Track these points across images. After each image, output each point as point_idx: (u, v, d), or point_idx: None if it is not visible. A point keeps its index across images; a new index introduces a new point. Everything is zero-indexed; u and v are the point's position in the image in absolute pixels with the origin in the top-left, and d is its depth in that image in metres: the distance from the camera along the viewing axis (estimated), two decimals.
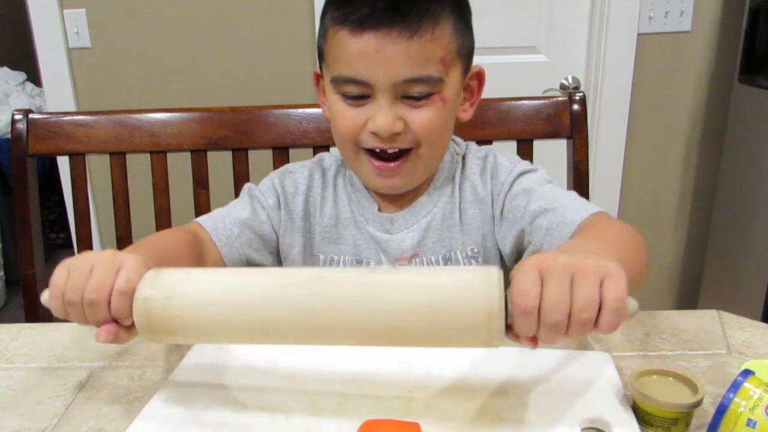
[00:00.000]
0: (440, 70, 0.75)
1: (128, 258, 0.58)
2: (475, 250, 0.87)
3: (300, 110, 1.07)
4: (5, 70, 3.07)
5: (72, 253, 0.62)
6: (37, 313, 1.06)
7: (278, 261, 0.92)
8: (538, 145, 1.06)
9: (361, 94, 0.76)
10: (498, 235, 0.87)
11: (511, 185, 0.85)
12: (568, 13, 1.88)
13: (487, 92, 1.13)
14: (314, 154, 1.05)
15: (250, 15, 1.86)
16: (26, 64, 2.89)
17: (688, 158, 1.98)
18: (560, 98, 1.06)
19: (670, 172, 2.00)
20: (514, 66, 1.90)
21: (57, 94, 1.93)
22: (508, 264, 0.89)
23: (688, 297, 2.12)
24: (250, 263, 0.88)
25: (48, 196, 2.77)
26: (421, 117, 0.76)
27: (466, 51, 0.79)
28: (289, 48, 1.87)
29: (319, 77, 0.86)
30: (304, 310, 0.52)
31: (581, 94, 1.05)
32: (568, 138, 1.05)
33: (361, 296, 0.52)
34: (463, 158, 0.90)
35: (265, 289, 0.54)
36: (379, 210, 0.88)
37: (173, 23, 1.88)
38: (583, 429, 0.56)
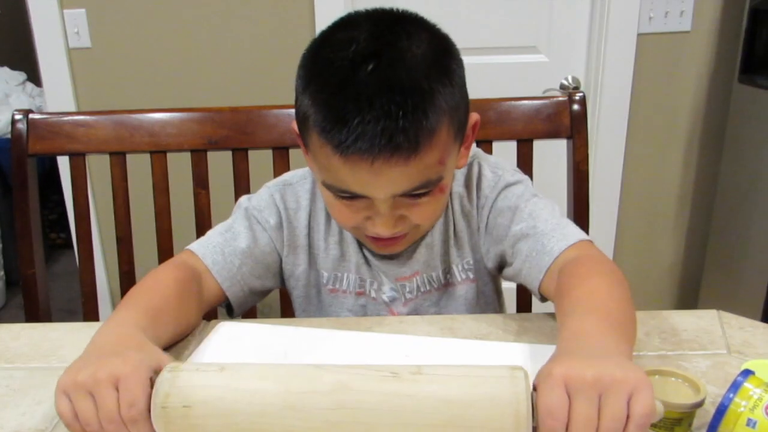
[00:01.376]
0: (439, 170, 0.71)
1: (124, 368, 0.54)
2: (470, 263, 0.87)
3: None
4: (5, 70, 3.07)
5: (72, 254, 0.62)
6: (37, 313, 1.06)
7: (282, 281, 0.91)
8: (538, 145, 1.06)
9: (357, 195, 0.72)
10: (482, 249, 0.86)
11: (495, 200, 0.83)
12: (568, 13, 1.88)
13: (487, 92, 1.14)
14: None
15: (250, 15, 1.86)
16: (26, 64, 2.89)
17: (688, 158, 1.98)
18: (560, 98, 1.06)
19: (670, 172, 2.00)
20: (514, 66, 1.90)
21: (57, 94, 1.93)
22: (492, 277, 0.90)
23: (688, 297, 2.12)
24: (253, 292, 0.86)
25: (48, 196, 2.77)
26: (421, 211, 0.74)
27: (461, 127, 0.73)
28: (289, 48, 1.87)
29: (297, 134, 0.77)
30: (326, 423, 0.52)
31: (581, 94, 1.05)
32: (568, 138, 1.05)
33: (384, 409, 0.52)
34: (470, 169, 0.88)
35: (286, 399, 0.53)
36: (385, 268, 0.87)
37: (173, 23, 1.88)
38: None
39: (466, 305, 0.88)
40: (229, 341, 0.73)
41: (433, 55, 0.68)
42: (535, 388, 0.51)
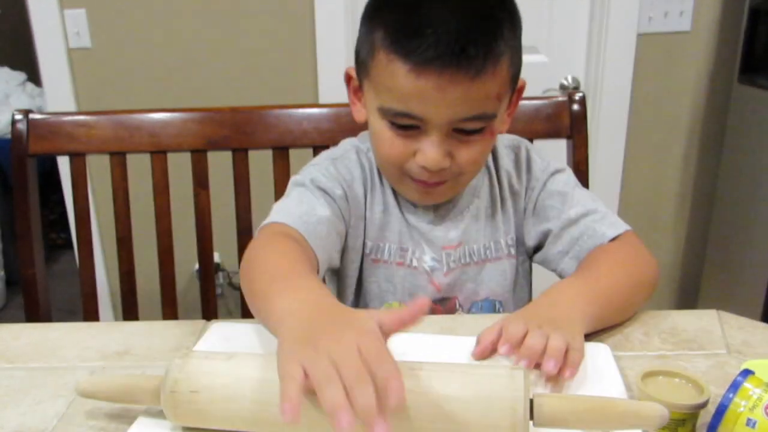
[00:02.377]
0: (495, 105, 0.74)
1: (357, 328, 0.51)
2: (513, 239, 0.89)
3: (300, 110, 1.07)
4: (5, 70, 3.07)
5: (72, 254, 0.63)
6: (38, 313, 1.06)
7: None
8: (537, 144, 1.06)
9: (411, 125, 0.74)
10: (525, 228, 0.89)
11: (546, 182, 0.88)
12: (568, 13, 1.88)
13: None
14: (314, 154, 1.05)
15: (250, 15, 1.86)
16: (26, 64, 2.89)
17: (688, 158, 1.98)
18: (560, 98, 1.06)
19: (670, 172, 2.00)
20: None
21: (57, 95, 1.93)
22: (529, 257, 0.92)
23: (688, 297, 2.12)
24: (331, 267, 0.85)
25: (48, 196, 2.77)
26: (469, 152, 0.76)
27: (517, 76, 0.78)
28: (289, 48, 1.87)
29: (351, 79, 0.83)
30: (327, 413, 0.51)
31: (581, 94, 1.06)
32: (567, 138, 1.06)
33: None
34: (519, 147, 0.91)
35: None
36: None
37: (173, 23, 1.88)
38: None
39: (503, 282, 0.89)
40: (222, 342, 0.73)
41: (505, 6, 0.74)
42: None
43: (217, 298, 1.14)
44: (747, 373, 0.52)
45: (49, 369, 0.71)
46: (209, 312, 1.11)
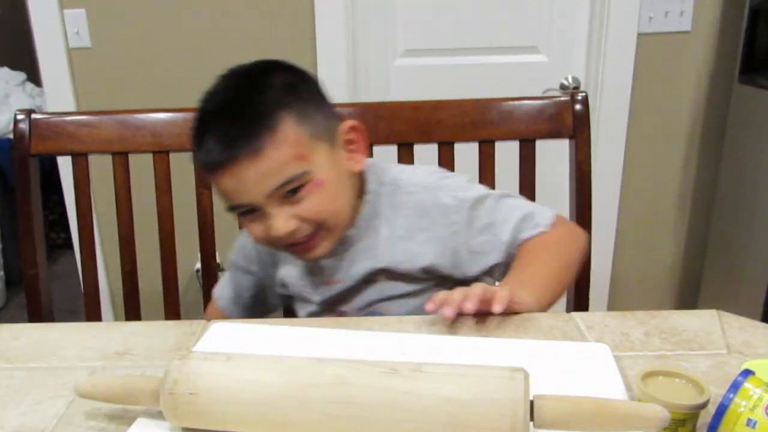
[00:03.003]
0: (299, 165, 0.79)
1: None
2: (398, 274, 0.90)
3: None
4: (5, 70, 3.07)
5: (73, 254, 0.63)
6: (40, 313, 1.06)
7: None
8: (540, 145, 1.06)
9: (252, 208, 0.81)
10: (465, 264, 0.89)
11: (469, 223, 0.88)
12: (568, 13, 1.88)
13: (488, 92, 1.14)
14: None
15: (250, 15, 1.86)
16: (26, 64, 2.89)
17: (688, 158, 1.98)
18: (563, 98, 1.06)
19: (670, 172, 2.00)
20: (514, 66, 1.90)
21: (57, 94, 1.93)
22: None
23: (688, 297, 2.12)
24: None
25: (48, 195, 2.76)
26: (305, 207, 0.81)
27: (322, 128, 0.83)
28: (289, 48, 1.87)
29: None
30: (325, 415, 0.53)
31: (584, 94, 1.05)
32: (570, 138, 1.06)
33: (381, 404, 0.53)
34: (394, 191, 0.90)
35: (287, 390, 0.55)
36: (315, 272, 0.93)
37: (173, 23, 1.88)
38: None
39: (394, 298, 0.91)
40: (223, 342, 0.73)
41: (273, 83, 0.82)
42: None
43: None
44: (747, 373, 0.52)
45: (49, 369, 0.71)
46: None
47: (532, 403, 0.51)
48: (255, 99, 0.80)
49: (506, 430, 0.50)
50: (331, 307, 0.94)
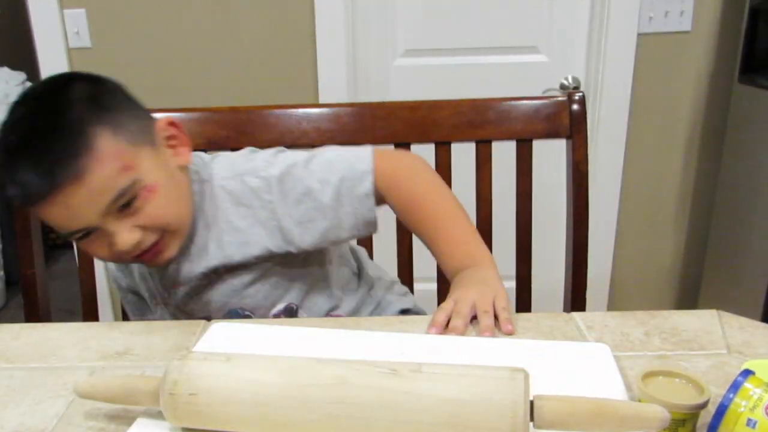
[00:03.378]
0: (127, 176, 0.75)
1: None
2: (233, 266, 0.88)
3: (300, 110, 1.07)
4: (5, 70, 3.07)
5: (72, 254, 0.64)
6: (37, 313, 1.06)
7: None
8: (537, 144, 1.06)
9: (90, 230, 0.77)
10: (294, 239, 0.86)
11: (282, 198, 0.85)
12: (568, 13, 1.88)
13: (487, 92, 1.14)
14: None
15: (250, 15, 1.86)
16: (26, 64, 2.89)
17: (688, 158, 1.98)
18: (560, 98, 1.06)
19: (670, 172, 2.00)
20: (514, 66, 1.90)
21: None
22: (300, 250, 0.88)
23: (688, 297, 2.12)
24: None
25: None
26: (145, 216, 0.77)
27: (139, 133, 0.79)
28: (289, 48, 1.87)
29: None
30: (324, 415, 0.53)
31: (581, 93, 1.05)
32: (567, 138, 1.05)
33: (381, 404, 0.53)
34: (211, 185, 0.88)
35: (287, 390, 0.55)
36: (158, 277, 0.91)
37: (173, 23, 1.88)
38: None
39: (240, 291, 0.89)
40: (223, 342, 0.73)
41: (75, 99, 0.76)
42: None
43: None
44: (747, 373, 0.52)
45: (48, 369, 0.71)
46: None
47: (532, 403, 0.51)
48: (62, 119, 0.74)
49: (506, 431, 0.50)
50: (184, 310, 0.93)
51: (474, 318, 0.75)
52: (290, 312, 0.91)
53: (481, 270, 0.83)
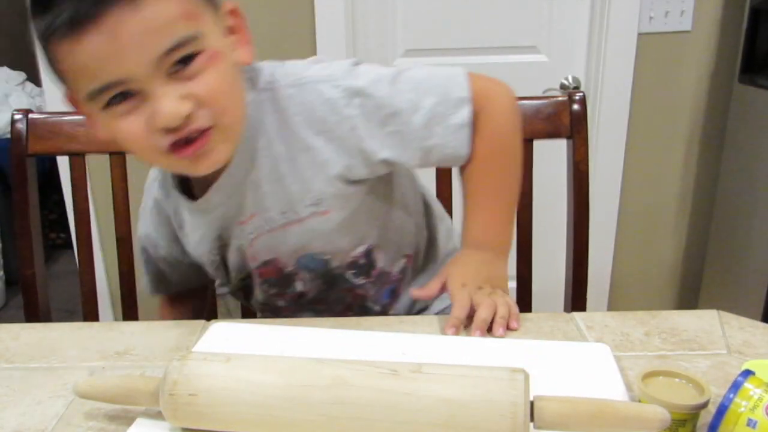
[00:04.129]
0: (189, 26, 0.64)
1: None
2: (317, 197, 0.79)
3: None
4: (5, 70, 3.07)
5: (72, 254, 0.63)
6: (37, 313, 1.06)
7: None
8: (537, 144, 1.06)
9: (128, 91, 0.64)
10: (378, 159, 0.78)
11: (362, 115, 0.75)
12: (568, 13, 1.88)
13: None
14: None
15: (250, 15, 1.85)
16: (26, 64, 2.89)
17: (688, 158, 1.98)
18: (560, 98, 1.06)
19: (670, 172, 2.00)
20: (514, 66, 1.90)
21: (57, 94, 1.90)
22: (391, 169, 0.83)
23: (688, 297, 2.12)
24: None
25: (48, 195, 2.76)
26: (202, 84, 0.65)
27: None
28: (289, 48, 1.87)
29: (73, 101, 0.74)
30: (325, 416, 0.53)
31: (581, 93, 1.05)
32: (567, 138, 1.05)
33: (381, 405, 0.53)
34: (274, 95, 0.77)
35: (287, 391, 0.55)
36: (192, 197, 0.81)
37: None
38: None
39: (318, 238, 0.82)
40: (223, 342, 0.73)
41: None
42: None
43: (217, 298, 1.14)
44: (747, 373, 0.52)
45: (48, 369, 0.71)
46: (209, 312, 1.11)
47: (532, 404, 0.51)
48: None
49: (506, 430, 0.50)
50: (255, 263, 0.84)
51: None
52: (368, 255, 0.86)
53: (491, 259, 0.82)
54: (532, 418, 0.51)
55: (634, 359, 0.68)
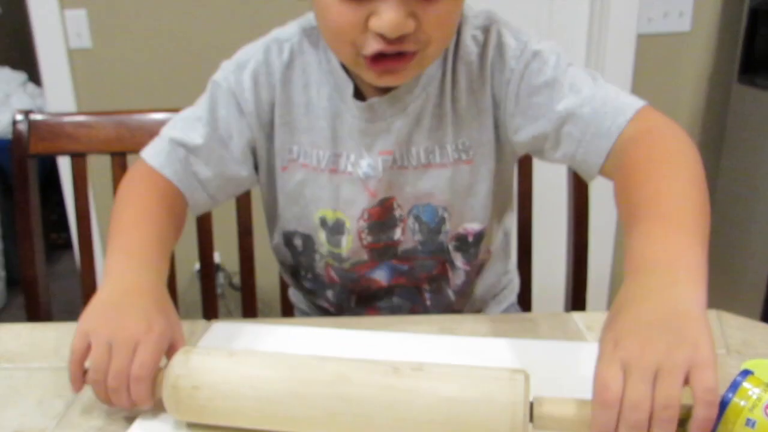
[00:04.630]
0: None
1: (147, 336, 0.58)
2: (467, 144, 0.78)
3: None
4: (6, 70, 3.07)
5: (72, 254, 0.64)
6: (39, 314, 1.06)
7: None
8: None
9: None
10: (511, 126, 0.77)
11: (524, 73, 0.74)
12: (568, 13, 1.88)
13: None
14: None
15: (250, 15, 1.86)
16: (27, 64, 2.89)
17: None
18: None
19: None
20: None
21: (57, 95, 1.93)
22: (515, 150, 0.80)
23: None
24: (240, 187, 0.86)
25: (49, 196, 2.77)
26: (437, 12, 0.63)
27: None
28: None
29: None
30: (326, 410, 0.54)
31: None
32: None
33: (382, 402, 0.53)
34: (458, 28, 0.75)
35: (289, 386, 0.55)
36: (357, 94, 0.76)
37: (173, 24, 1.88)
38: None
39: (448, 190, 0.79)
40: (224, 342, 0.73)
41: None
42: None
43: (217, 298, 1.15)
44: (746, 373, 0.52)
45: (49, 369, 0.71)
46: (210, 312, 1.11)
47: (531, 404, 0.51)
48: None
49: (505, 430, 0.50)
50: (370, 202, 0.79)
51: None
52: (478, 239, 0.83)
53: (670, 287, 0.54)
54: (531, 419, 0.51)
55: None
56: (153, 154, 0.82)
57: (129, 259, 0.68)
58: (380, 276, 0.86)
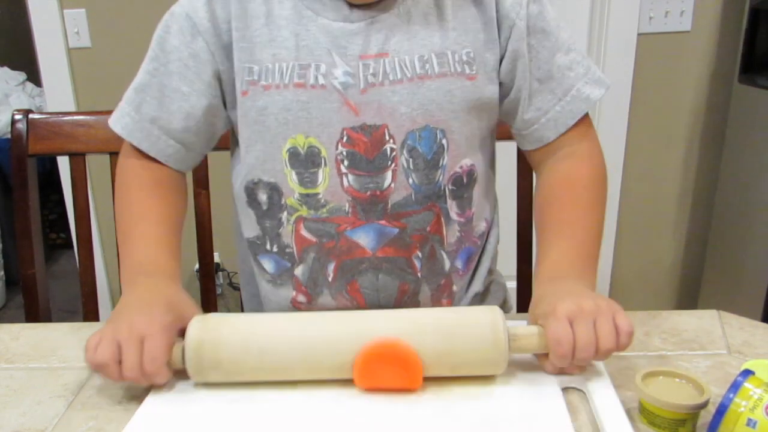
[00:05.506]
0: None
1: (150, 328, 0.61)
2: (471, 55, 0.71)
3: None
4: (5, 70, 3.07)
5: (72, 254, 0.65)
6: (37, 314, 1.06)
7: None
8: None
9: None
10: (520, 50, 0.73)
11: (528, 11, 0.72)
12: (568, 13, 1.88)
13: None
14: None
15: None
16: (26, 64, 2.89)
17: (688, 158, 1.98)
18: None
19: (670, 172, 2.00)
20: None
21: (57, 94, 1.93)
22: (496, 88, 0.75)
23: (688, 297, 2.12)
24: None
25: (48, 195, 2.77)
26: None
27: None
28: None
29: None
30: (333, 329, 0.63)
31: None
32: None
33: (386, 327, 0.61)
34: None
35: (294, 335, 0.63)
36: None
37: None
38: (562, 388, 0.61)
39: (448, 107, 0.71)
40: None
41: None
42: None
43: (217, 297, 1.14)
44: (747, 373, 0.52)
45: (49, 369, 0.71)
46: (209, 311, 1.10)
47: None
48: None
49: (487, 325, 0.60)
50: (353, 122, 0.70)
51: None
52: (471, 178, 0.78)
53: (581, 286, 0.67)
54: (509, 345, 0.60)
55: (634, 359, 0.68)
56: (117, 117, 0.80)
57: (137, 269, 0.72)
58: (365, 240, 0.75)
